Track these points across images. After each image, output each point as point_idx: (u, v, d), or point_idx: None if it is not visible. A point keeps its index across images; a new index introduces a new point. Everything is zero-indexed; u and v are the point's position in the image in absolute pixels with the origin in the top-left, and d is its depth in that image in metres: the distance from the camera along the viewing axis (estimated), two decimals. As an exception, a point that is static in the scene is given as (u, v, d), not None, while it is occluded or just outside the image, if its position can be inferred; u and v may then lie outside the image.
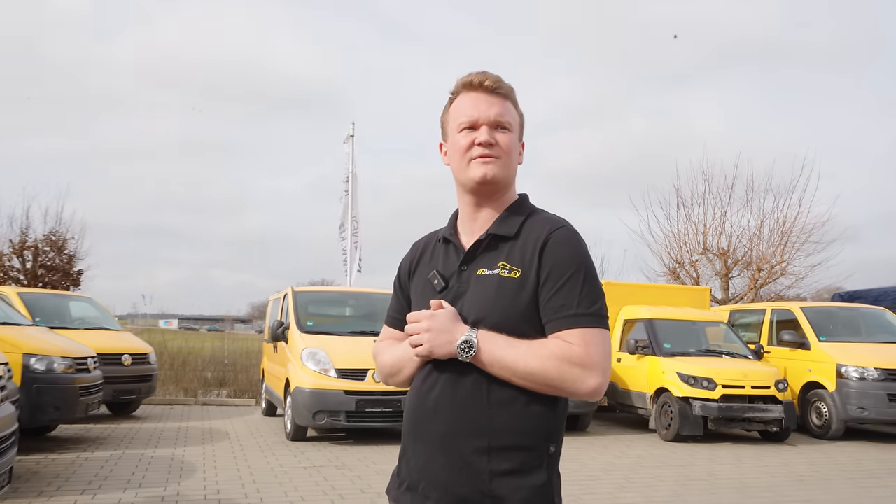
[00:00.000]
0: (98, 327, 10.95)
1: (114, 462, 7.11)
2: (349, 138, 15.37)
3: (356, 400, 8.42)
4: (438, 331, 1.59)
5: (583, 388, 1.53)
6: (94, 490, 5.86)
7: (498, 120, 1.68)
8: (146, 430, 9.42)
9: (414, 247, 1.90)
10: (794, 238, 19.30)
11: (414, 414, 1.69)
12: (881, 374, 10.15)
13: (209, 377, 15.55)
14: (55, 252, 17.46)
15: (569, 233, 1.65)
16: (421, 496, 1.62)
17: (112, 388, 9.57)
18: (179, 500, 5.62)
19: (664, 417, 10.09)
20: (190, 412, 11.73)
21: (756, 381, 9.89)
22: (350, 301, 10.81)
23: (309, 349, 8.81)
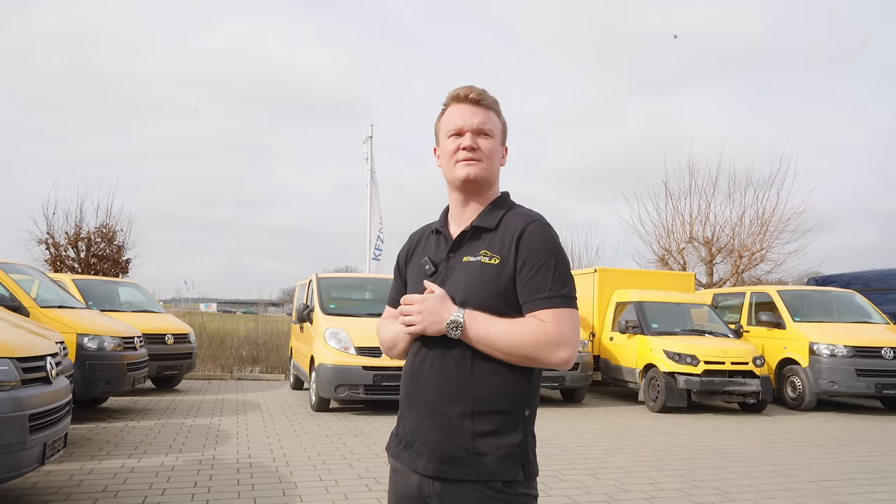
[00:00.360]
0: (144, 310, 11.10)
1: (158, 430, 7.24)
2: (368, 139, 15.39)
3: (373, 375, 8.51)
4: (429, 312, 1.66)
5: (554, 360, 1.61)
6: (140, 455, 5.97)
7: (480, 128, 1.76)
8: (186, 402, 9.55)
9: (411, 237, 1.98)
10: (772, 227, 19.21)
11: (408, 382, 1.76)
12: (850, 350, 10.12)
13: (244, 355, 15.71)
14: (106, 243, 17.63)
15: (542, 225, 1.71)
16: (415, 453, 1.70)
17: (156, 364, 9.73)
18: (215, 463, 5.73)
19: (652, 391, 10.12)
20: (226, 386, 11.88)
21: (735, 357, 9.88)
22: (368, 286, 10.87)
23: (331, 329, 8.89)
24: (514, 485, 1.63)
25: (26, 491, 4.70)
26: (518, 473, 1.63)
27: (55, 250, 17.29)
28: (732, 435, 7.95)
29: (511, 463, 1.63)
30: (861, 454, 6.95)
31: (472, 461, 1.62)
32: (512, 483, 1.62)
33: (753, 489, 5.34)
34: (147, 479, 5.13)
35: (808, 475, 5.88)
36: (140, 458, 5.84)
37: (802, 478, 5.78)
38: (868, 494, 5.27)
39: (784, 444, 7.40)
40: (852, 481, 5.70)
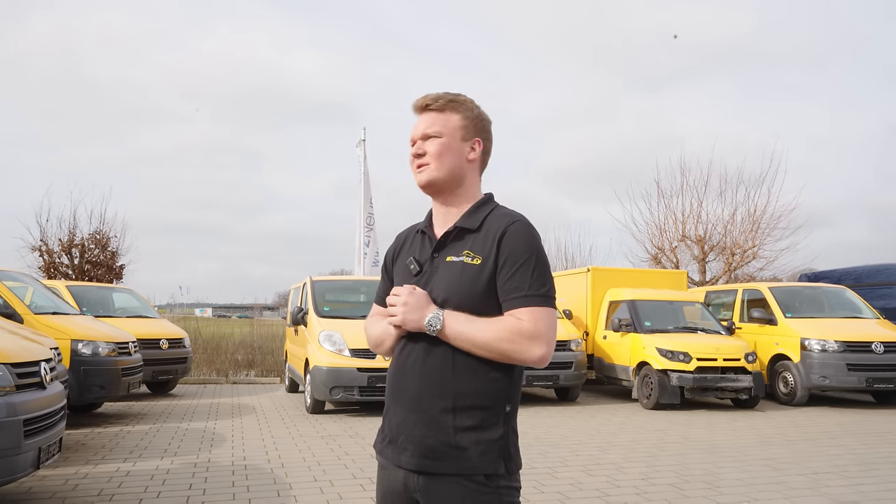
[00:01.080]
0: (138, 315, 11.10)
1: (153, 434, 7.26)
2: (361, 142, 15.42)
3: (368, 376, 8.54)
4: (413, 307, 1.71)
5: (530, 357, 1.65)
6: (135, 458, 5.99)
7: (425, 133, 1.81)
8: (182, 406, 9.56)
9: (397, 238, 2.01)
10: (764, 225, 19.30)
11: (393, 378, 1.80)
12: (841, 346, 10.19)
13: (239, 359, 15.69)
14: (99, 249, 17.62)
15: (523, 226, 1.74)
16: (400, 448, 1.73)
17: (151, 369, 9.74)
18: (210, 465, 5.75)
19: (645, 388, 10.17)
20: (221, 390, 11.89)
21: (727, 354, 9.95)
22: (362, 288, 10.90)
23: (326, 332, 8.92)
24: (495, 478, 1.66)
25: (21, 496, 4.72)
26: (499, 467, 1.66)
27: (49, 257, 17.26)
28: (725, 430, 8.01)
29: (492, 457, 1.66)
30: (851, 447, 7.01)
31: (454, 455, 1.65)
32: (494, 476, 1.65)
33: (744, 483, 5.39)
34: (142, 482, 5.15)
35: (799, 468, 5.94)
36: (135, 461, 5.86)
37: (793, 471, 5.84)
38: (858, 486, 5.33)
39: (776, 439, 7.46)
40: (842, 474, 5.76)
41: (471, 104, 1.86)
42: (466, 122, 1.83)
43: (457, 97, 1.86)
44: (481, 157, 1.87)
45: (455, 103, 1.84)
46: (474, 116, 1.85)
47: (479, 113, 1.87)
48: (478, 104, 1.89)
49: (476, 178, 1.87)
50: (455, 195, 1.84)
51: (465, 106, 1.85)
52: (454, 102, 1.84)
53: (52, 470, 5.40)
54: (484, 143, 1.86)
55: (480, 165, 1.89)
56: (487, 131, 1.88)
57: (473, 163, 1.85)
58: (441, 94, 1.85)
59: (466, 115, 1.84)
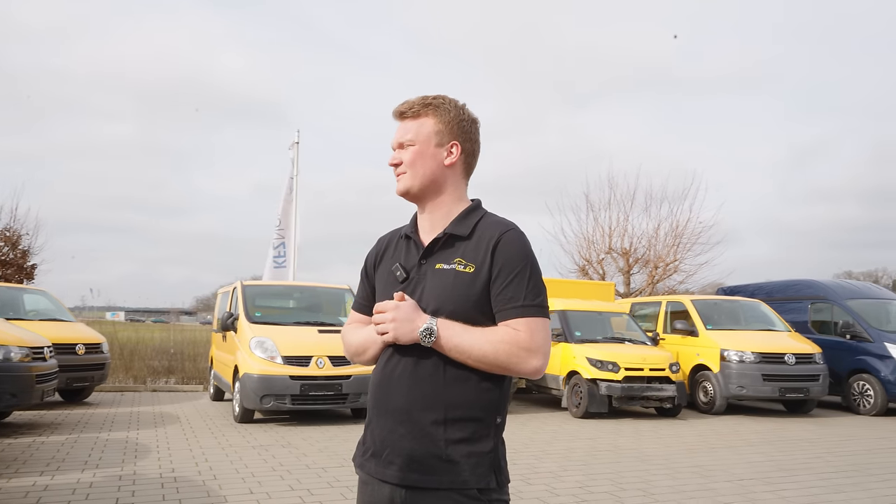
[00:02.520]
0: (52, 318, 10.48)
1: (70, 445, 6.84)
2: (294, 145, 15.12)
3: (301, 384, 8.36)
4: (402, 320, 1.65)
5: (526, 368, 1.63)
6: (53, 471, 5.63)
7: (399, 141, 1.80)
8: (99, 415, 9.07)
9: (379, 241, 1.95)
10: (685, 240, 20.17)
11: (379, 390, 1.74)
12: (757, 357, 10.72)
13: (157, 365, 15.06)
14: (9, 247, 16.55)
15: (517, 234, 1.72)
16: (385, 462, 1.67)
17: (66, 375, 9.19)
18: (137, 479, 5.47)
19: (575, 397, 10.38)
20: (140, 398, 11.35)
21: (653, 364, 10.29)
22: (294, 294, 10.68)
23: (257, 338, 8.68)
24: (487, 492, 1.63)
25: (-73, 514, 4.35)
26: (491, 480, 1.64)
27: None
28: (652, 438, 8.26)
29: (484, 470, 1.63)
30: (770, 454, 7.36)
31: (444, 469, 1.61)
32: (486, 490, 1.63)
33: (676, 490, 5.57)
34: (63, 496, 4.84)
35: (725, 475, 6.19)
36: (53, 475, 5.50)
37: (720, 478, 6.07)
38: (780, 492, 5.59)
39: (700, 447, 7.76)
40: (764, 480, 6.04)
41: (448, 106, 1.80)
42: (441, 127, 1.78)
43: (433, 101, 1.80)
44: (463, 161, 1.81)
45: (431, 107, 1.79)
46: (450, 119, 1.78)
47: (457, 115, 1.80)
48: (459, 105, 1.82)
49: (459, 182, 1.82)
50: (437, 202, 1.79)
51: (440, 109, 1.79)
52: (430, 106, 1.79)
53: (-40, 485, 5.01)
54: (463, 146, 1.80)
55: (463, 169, 1.82)
56: (467, 132, 1.81)
57: (453, 167, 1.79)
58: (417, 100, 1.80)
59: (442, 119, 1.78)
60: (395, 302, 1.69)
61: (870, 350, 11.52)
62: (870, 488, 5.82)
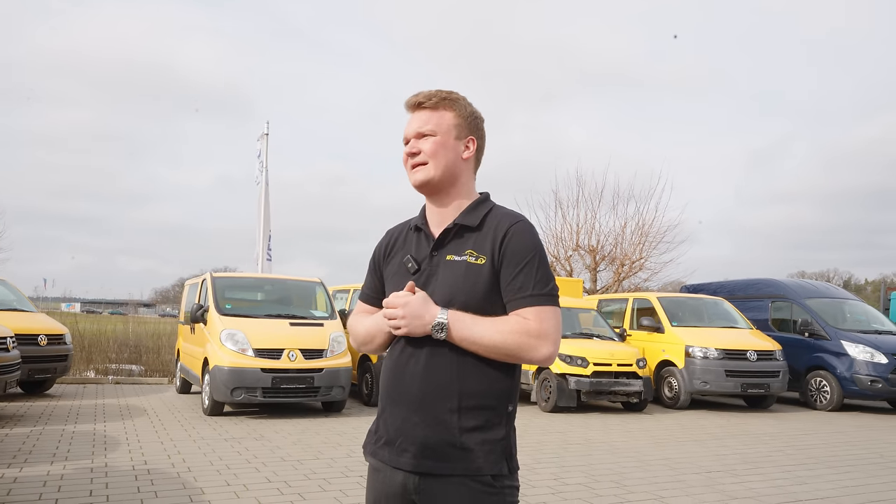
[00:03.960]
0: (12, 308, 10.19)
1: (35, 437, 6.69)
2: (263, 136, 14.94)
3: (272, 377, 8.30)
4: (413, 316, 1.67)
5: (537, 356, 1.66)
6: (20, 464, 5.50)
7: (419, 131, 1.80)
8: (63, 408, 8.88)
9: (388, 233, 1.97)
10: (650, 238, 20.54)
11: (392, 379, 1.76)
12: (720, 353, 11.00)
13: (119, 357, 14.77)
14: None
15: (527, 226, 1.76)
16: (398, 449, 1.70)
17: (28, 367, 8.96)
18: (109, 471, 5.38)
19: (544, 391, 10.51)
20: (104, 390, 11.13)
21: (621, 359, 10.48)
22: (265, 286, 10.57)
23: (228, 330, 8.58)
24: (500, 478, 1.67)
25: None
26: (503, 467, 1.67)
27: None
28: (620, 432, 8.43)
29: (496, 457, 1.66)
30: (734, 448, 7.58)
31: (458, 456, 1.65)
32: (498, 476, 1.66)
33: (648, 482, 5.70)
34: (34, 489, 4.74)
35: (694, 467, 6.36)
36: (21, 467, 5.38)
37: (688, 470, 6.24)
38: (746, 483, 5.77)
39: (668, 440, 7.94)
40: (731, 472, 6.22)
41: (464, 102, 1.85)
42: (460, 121, 1.82)
43: (450, 94, 1.84)
44: (475, 156, 1.87)
45: (448, 101, 1.83)
46: (468, 114, 1.84)
47: (473, 111, 1.86)
48: (470, 102, 1.87)
49: (471, 176, 1.87)
50: (450, 194, 1.82)
51: (458, 104, 1.83)
52: (448, 100, 1.83)
53: (-75, 477, 4.87)
54: (478, 142, 1.86)
55: (475, 164, 1.88)
56: (481, 129, 1.88)
57: (468, 161, 1.84)
58: (434, 92, 1.84)
59: (460, 113, 1.83)
60: (405, 296, 1.71)
61: (827, 348, 11.92)
62: (831, 480, 6.04)
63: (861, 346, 11.54)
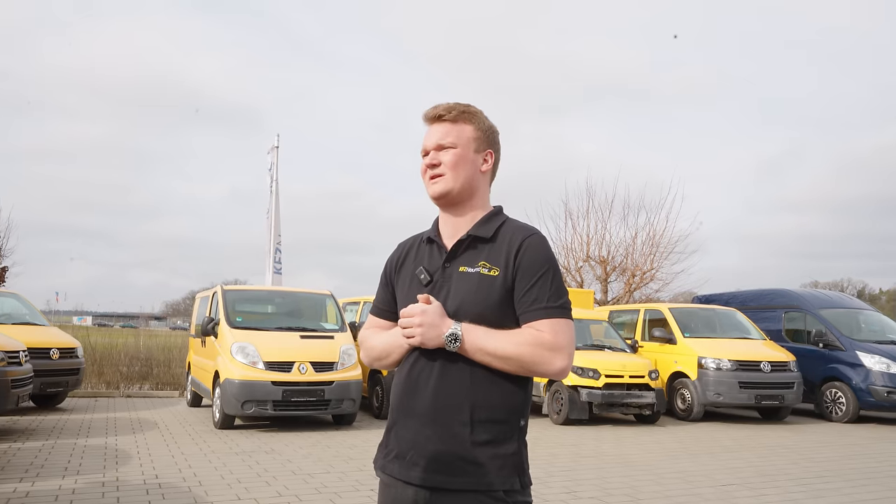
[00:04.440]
0: (25, 322, 10.27)
1: (47, 451, 6.71)
2: (273, 149, 15.03)
3: (283, 390, 8.30)
4: (429, 325, 1.67)
5: (552, 369, 1.65)
6: (33, 478, 5.52)
7: (439, 143, 1.81)
8: (74, 421, 8.91)
9: (400, 246, 1.97)
10: (662, 249, 20.43)
11: (404, 393, 1.75)
12: (734, 364, 10.91)
13: (130, 371, 14.78)
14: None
15: (540, 239, 1.76)
16: (409, 463, 1.69)
17: (40, 380, 9.00)
18: (120, 485, 5.38)
19: (555, 403, 10.45)
20: (115, 404, 11.16)
21: (633, 371, 10.40)
22: (276, 299, 10.60)
23: (238, 343, 8.60)
24: (512, 493, 1.65)
25: None
26: (516, 482, 1.66)
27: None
28: (633, 445, 8.36)
29: (508, 472, 1.65)
30: (749, 460, 7.49)
31: (470, 470, 1.63)
32: (511, 492, 1.65)
33: (662, 495, 5.64)
34: (46, 503, 4.75)
35: (708, 480, 6.28)
36: (33, 481, 5.40)
37: (703, 483, 6.17)
38: (762, 497, 5.70)
39: (681, 453, 7.87)
40: (747, 485, 6.15)
41: (482, 116, 1.87)
42: (479, 134, 1.84)
43: (468, 108, 1.86)
44: (492, 169, 1.88)
45: (468, 114, 1.84)
46: (486, 128, 1.85)
47: (490, 125, 1.88)
48: (487, 116, 1.89)
49: (487, 189, 1.88)
50: (466, 206, 1.83)
51: (476, 117, 1.85)
52: (467, 113, 1.84)
53: (-62, 492, 4.89)
54: (495, 155, 1.88)
55: (491, 176, 1.89)
56: (497, 143, 1.89)
57: (485, 174, 1.85)
58: (453, 105, 1.85)
59: (479, 127, 1.84)
60: (422, 306, 1.70)
61: (842, 358, 11.79)
62: (847, 493, 5.96)
63: (877, 357, 11.40)
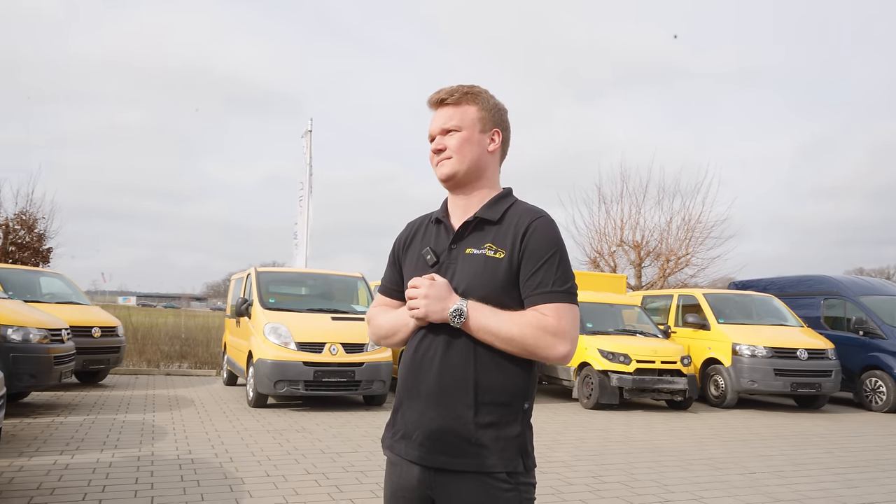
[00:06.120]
0: (68, 301, 10.58)
1: (88, 426, 6.93)
2: (307, 133, 15.14)
3: (314, 370, 8.42)
4: (435, 298, 1.66)
5: (554, 353, 1.63)
6: (73, 451, 5.71)
7: (443, 127, 1.80)
8: (115, 398, 9.17)
9: (408, 226, 1.96)
10: (697, 234, 20.08)
11: (410, 373, 1.74)
12: (769, 351, 10.69)
13: (170, 350, 15.18)
14: (25, 230, 16.68)
15: (547, 222, 1.73)
16: (415, 443, 1.69)
17: (83, 357, 9.30)
18: (155, 459, 5.53)
19: (586, 388, 10.39)
20: (154, 381, 11.46)
21: (665, 356, 10.28)
22: (308, 281, 10.72)
23: (271, 324, 8.73)
24: (515, 475, 1.65)
25: (-48, 489, 4.43)
26: (518, 464, 1.66)
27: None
28: (663, 431, 8.27)
29: (511, 454, 1.65)
30: (782, 448, 7.36)
31: (473, 452, 1.63)
32: (514, 473, 1.65)
33: (689, 481, 5.58)
34: (84, 475, 4.90)
35: (738, 468, 6.19)
36: (73, 454, 5.58)
37: (732, 471, 6.08)
38: (793, 486, 5.59)
39: (712, 440, 7.76)
40: (777, 474, 6.04)
41: (486, 95, 1.84)
42: (484, 114, 1.81)
43: (472, 88, 1.83)
44: (501, 148, 1.85)
45: (471, 95, 1.82)
46: (491, 107, 1.83)
47: (496, 103, 1.85)
48: (492, 95, 1.86)
49: (496, 169, 1.86)
50: (475, 187, 1.81)
51: (481, 97, 1.82)
52: (470, 94, 1.81)
53: (-17, 462, 5.09)
54: (503, 133, 1.85)
55: (500, 156, 1.87)
56: (505, 121, 1.86)
57: (493, 154, 1.83)
58: (456, 88, 1.83)
59: (483, 107, 1.82)
60: (429, 279, 1.70)
61: (883, 347, 11.46)
62: (883, 484, 5.81)
63: (919, 346, 11.06)
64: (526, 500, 1.67)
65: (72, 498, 4.35)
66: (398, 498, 1.75)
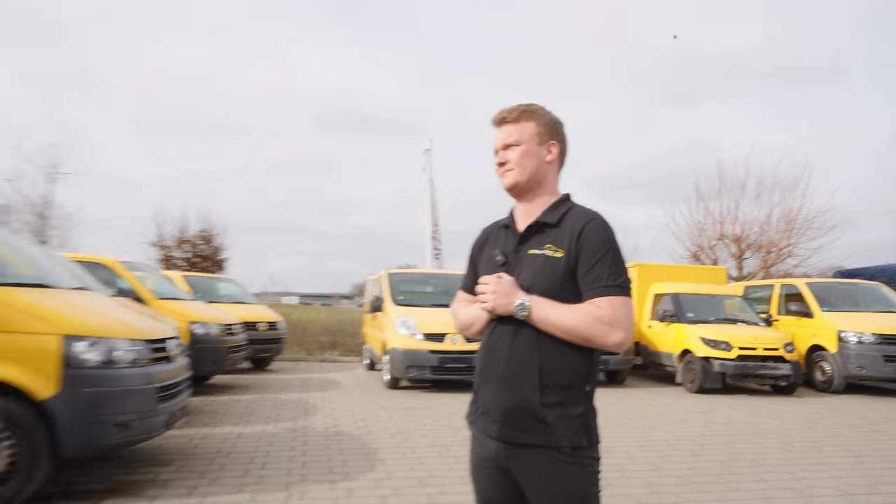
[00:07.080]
0: (239, 301, 11.46)
1: (256, 403, 7.48)
2: (426, 152, 15.48)
3: (438, 357, 8.59)
4: (501, 293, 1.71)
5: (609, 341, 1.64)
6: (244, 423, 6.19)
7: (505, 143, 1.82)
8: (278, 380, 9.83)
9: (483, 231, 2.01)
10: (798, 225, 18.47)
11: (485, 359, 1.80)
12: (877, 338, 9.65)
13: (324, 340, 16.03)
14: (205, 244, 18.31)
15: (601, 222, 1.73)
16: (491, 419, 1.74)
17: (252, 347, 10.04)
18: (307, 431, 5.89)
19: (689, 373, 9.88)
20: (310, 367, 12.16)
21: (767, 343, 9.56)
22: (432, 280, 10.96)
23: (401, 318, 9.01)
24: (579, 449, 1.66)
25: (154, 452, 4.94)
26: (582, 439, 1.66)
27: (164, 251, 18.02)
28: (766, 414, 7.70)
29: (574, 431, 1.66)
30: (891, 433, 6.63)
31: (540, 429, 1.66)
32: (578, 448, 1.66)
33: (790, 462, 5.17)
34: (252, 443, 5.32)
35: (842, 451, 5.65)
36: (245, 426, 6.05)
37: (836, 453, 5.56)
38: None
39: (816, 423, 7.13)
40: (885, 457, 5.45)
41: (542, 111, 1.85)
42: (541, 128, 1.83)
43: (529, 107, 1.85)
44: (559, 157, 1.86)
45: (528, 112, 1.83)
46: (547, 122, 1.84)
47: (552, 118, 1.86)
48: (549, 110, 1.87)
49: (555, 177, 1.86)
50: (536, 194, 1.83)
51: (537, 114, 1.84)
52: (527, 112, 1.84)
53: (178, 431, 5.63)
54: (560, 145, 1.85)
55: (558, 165, 1.87)
56: (561, 133, 1.87)
57: (552, 164, 1.84)
58: (514, 107, 1.85)
59: (540, 122, 1.83)
60: (497, 277, 1.74)
61: None
62: None
63: None
64: (590, 472, 1.68)
65: (242, 460, 4.73)
66: (481, 468, 1.80)
